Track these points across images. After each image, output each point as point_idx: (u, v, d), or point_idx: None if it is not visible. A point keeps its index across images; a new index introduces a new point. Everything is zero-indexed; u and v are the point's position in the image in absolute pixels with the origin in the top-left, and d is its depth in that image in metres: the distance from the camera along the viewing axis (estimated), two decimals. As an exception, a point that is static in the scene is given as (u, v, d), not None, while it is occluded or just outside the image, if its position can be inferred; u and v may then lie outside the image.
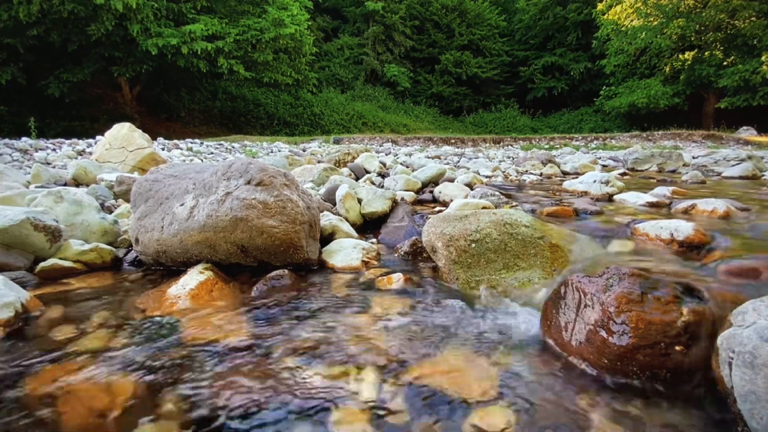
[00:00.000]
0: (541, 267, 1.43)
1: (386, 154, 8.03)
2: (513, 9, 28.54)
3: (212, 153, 7.22)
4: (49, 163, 4.58)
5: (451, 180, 3.16)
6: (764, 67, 16.43)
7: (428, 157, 6.85)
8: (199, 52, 13.13)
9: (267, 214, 1.48)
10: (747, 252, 1.25)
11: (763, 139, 13.62)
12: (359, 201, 2.31)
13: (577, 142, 15.16)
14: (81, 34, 12.35)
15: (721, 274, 1.15)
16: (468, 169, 4.63)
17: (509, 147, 14.17)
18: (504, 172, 4.43)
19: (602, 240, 1.58)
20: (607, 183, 2.64)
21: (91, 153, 5.29)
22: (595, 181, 2.69)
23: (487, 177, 4.03)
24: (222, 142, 10.22)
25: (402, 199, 2.55)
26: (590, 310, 1.00)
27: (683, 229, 1.42)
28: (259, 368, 0.96)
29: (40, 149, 5.74)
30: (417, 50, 27.08)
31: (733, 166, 4.59)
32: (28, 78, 12.67)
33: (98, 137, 6.55)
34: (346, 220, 2.14)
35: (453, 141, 15.49)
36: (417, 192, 2.90)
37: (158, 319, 1.21)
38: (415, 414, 0.82)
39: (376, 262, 1.70)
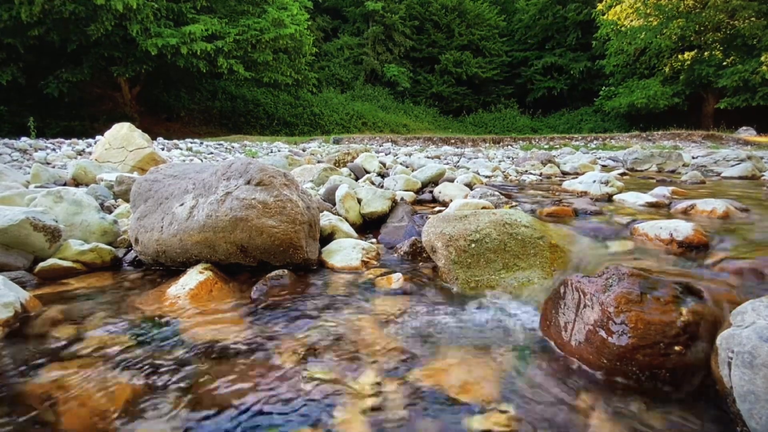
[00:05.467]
0: (541, 267, 1.43)
1: (386, 154, 8.03)
2: (513, 9, 28.55)
3: (212, 153, 7.22)
4: (48, 163, 4.58)
5: (451, 180, 3.16)
6: (764, 67, 16.44)
7: (428, 157, 6.85)
8: (198, 53, 13.14)
9: (267, 214, 1.48)
10: (746, 252, 1.25)
11: (763, 139, 13.63)
12: (359, 201, 2.31)
13: (577, 142, 15.17)
14: (81, 34, 12.35)
15: (720, 274, 1.15)
16: (468, 169, 4.64)
17: (509, 147, 14.18)
18: (504, 172, 4.43)
19: (602, 240, 1.58)
20: (606, 183, 2.64)
21: (90, 153, 5.29)
22: (594, 181, 2.70)
23: (486, 177, 4.03)
24: (222, 142, 10.23)
25: (402, 199, 2.55)
26: (590, 310, 1.00)
27: (683, 229, 1.42)
28: (259, 368, 0.96)
29: (40, 149, 5.74)
30: (417, 50, 27.07)
31: (733, 166, 4.59)
32: (28, 78, 12.66)
33: (98, 137, 6.55)
34: (346, 220, 2.14)
35: (453, 141, 15.49)
36: (417, 192, 2.90)
37: (158, 319, 1.21)
38: (415, 414, 0.82)
39: (375, 262, 1.70)
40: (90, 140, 7.42)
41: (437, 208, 2.38)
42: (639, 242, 1.50)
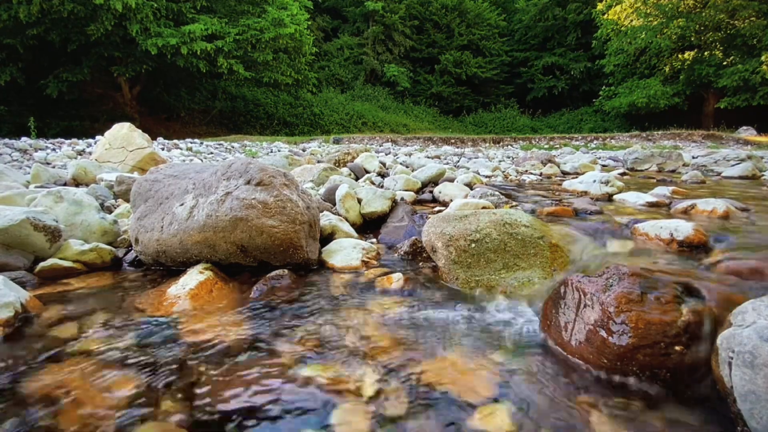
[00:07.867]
0: (541, 267, 1.43)
1: (386, 154, 8.02)
2: (513, 9, 28.54)
3: (212, 153, 7.21)
4: (48, 163, 4.58)
5: (451, 180, 3.16)
6: (764, 67, 16.43)
7: (428, 157, 6.84)
8: (198, 52, 13.12)
9: (267, 214, 1.48)
10: (746, 252, 1.25)
11: (763, 138, 13.63)
12: (359, 201, 2.31)
13: (577, 142, 15.16)
14: (80, 33, 12.34)
15: (720, 274, 1.15)
16: (468, 169, 4.63)
17: (509, 147, 14.18)
18: (504, 172, 4.43)
19: (602, 240, 1.58)
20: (606, 183, 2.64)
21: (90, 153, 5.29)
22: (594, 181, 2.69)
23: (486, 177, 4.03)
24: (222, 142, 10.22)
25: (402, 199, 2.54)
26: (590, 310, 1.00)
27: (683, 228, 1.42)
28: (260, 368, 0.96)
29: (40, 149, 5.74)
30: (417, 50, 27.06)
31: (733, 166, 4.59)
32: (28, 78, 12.67)
33: (98, 137, 6.55)
34: (346, 220, 2.14)
35: (453, 141, 15.49)
36: (417, 192, 2.90)
37: (158, 319, 1.21)
38: (415, 414, 0.82)
39: (375, 262, 1.70)
40: (90, 140, 7.42)
41: (437, 208, 2.38)
42: (639, 242, 1.50)
